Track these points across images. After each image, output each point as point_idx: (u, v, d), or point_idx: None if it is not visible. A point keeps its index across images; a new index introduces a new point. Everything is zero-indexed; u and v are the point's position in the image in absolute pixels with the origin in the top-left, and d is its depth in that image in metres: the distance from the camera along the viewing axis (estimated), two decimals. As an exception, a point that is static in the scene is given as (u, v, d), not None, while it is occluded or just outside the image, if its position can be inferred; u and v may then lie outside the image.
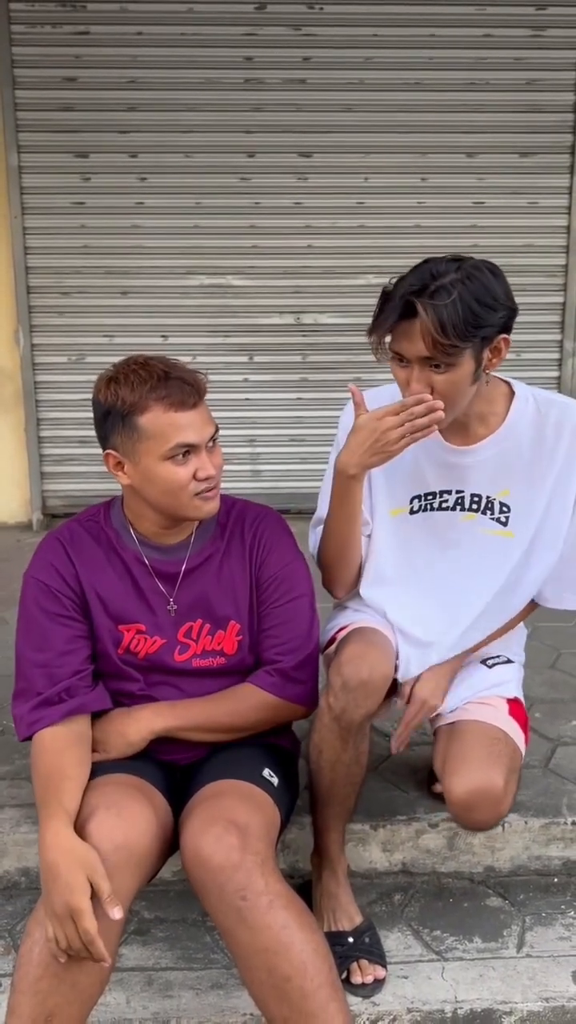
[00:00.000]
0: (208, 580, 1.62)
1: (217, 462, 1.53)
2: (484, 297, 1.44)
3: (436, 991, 1.64)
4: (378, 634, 1.67)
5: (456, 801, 1.63)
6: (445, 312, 1.41)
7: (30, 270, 4.15)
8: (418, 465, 1.68)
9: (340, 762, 1.63)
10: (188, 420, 1.46)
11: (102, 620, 1.59)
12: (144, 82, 4.02)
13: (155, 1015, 1.58)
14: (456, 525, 1.69)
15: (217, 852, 1.37)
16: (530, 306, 4.26)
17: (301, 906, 1.41)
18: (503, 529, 1.68)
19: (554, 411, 1.64)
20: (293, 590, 1.64)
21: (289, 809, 1.66)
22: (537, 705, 2.40)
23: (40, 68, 3.98)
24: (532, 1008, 1.62)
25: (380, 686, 1.59)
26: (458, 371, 1.48)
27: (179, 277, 4.20)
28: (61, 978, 1.33)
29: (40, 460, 4.31)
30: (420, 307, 1.42)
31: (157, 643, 1.60)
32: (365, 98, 4.07)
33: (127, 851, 1.37)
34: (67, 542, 1.60)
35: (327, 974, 1.37)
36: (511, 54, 4.06)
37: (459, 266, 1.46)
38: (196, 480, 1.49)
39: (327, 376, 4.25)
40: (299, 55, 4.03)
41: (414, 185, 4.17)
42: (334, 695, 1.58)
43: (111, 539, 1.61)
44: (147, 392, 1.45)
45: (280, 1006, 1.36)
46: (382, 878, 1.92)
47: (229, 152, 4.10)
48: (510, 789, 1.66)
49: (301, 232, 4.18)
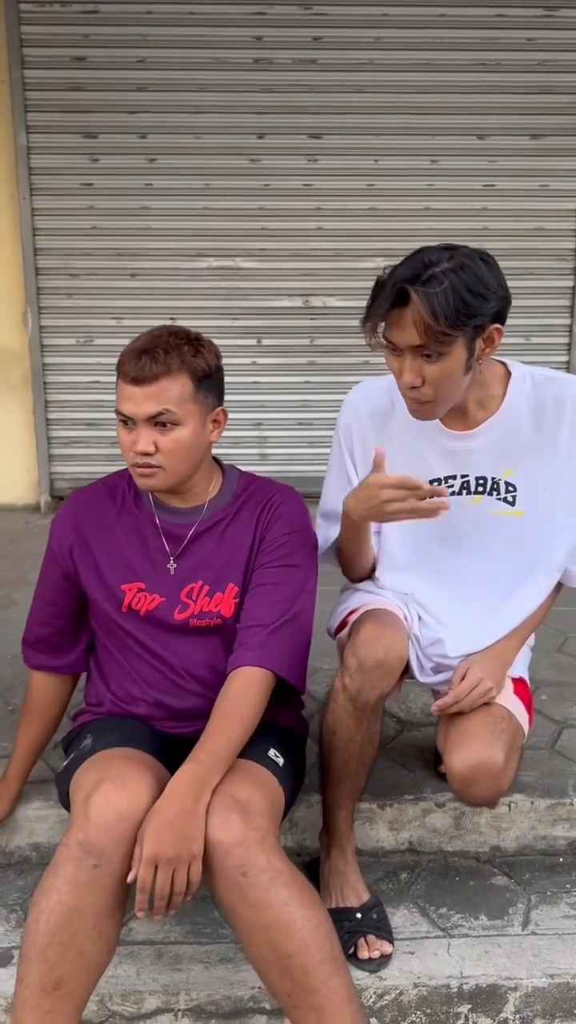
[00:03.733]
0: (212, 543, 1.64)
1: (165, 445, 1.52)
2: (476, 286, 1.44)
3: (442, 966, 1.66)
4: (392, 616, 1.68)
5: (456, 776, 1.64)
6: (437, 300, 1.41)
7: (38, 251, 4.14)
8: (422, 453, 1.69)
9: (353, 742, 1.64)
10: (130, 393, 1.51)
11: (100, 585, 1.65)
12: (153, 62, 4.00)
13: (164, 987, 1.61)
14: (464, 509, 1.69)
15: (217, 828, 1.38)
16: (539, 290, 4.25)
17: (303, 883, 1.42)
18: (511, 509, 1.68)
19: (553, 386, 1.65)
20: (292, 556, 1.62)
21: (295, 790, 1.67)
22: (543, 688, 2.41)
23: (49, 47, 3.96)
24: (537, 984, 1.63)
25: (396, 667, 1.60)
26: (450, 360, 1.48)
27: (188, 259, 4.19)
28: (68, 946, 1.35)
29: (48, 442, 4.32)
30: (412, 295, 1.42)
31: (156, 600, 1.63)
32: (375, 79, 4.05)
33: (132, 822, 1.39)
34: (78, 509, 1.68)
35: (328, 950, 1.38)
36: (523, 34, 4.03)
37: (452, 255, 1.46)
38: (132, 451, 1.54)
39: (335, 359, 4.25)
40: (309, 35, 4.00)
41: (424, 167, 4.15)
42: (350, 675, 1.59)
43: (129, 500, 1.68)
44: (121, 357, 1.54)
45: (283, 982, 1.38)
46: (389, 857, 1.94)
47: (239, 133, 4.08)
48: (510, 766, 1.67)
49: (311, 214, 4.17)
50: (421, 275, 1.43)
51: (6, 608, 3.01)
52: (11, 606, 3.02)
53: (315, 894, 1.44)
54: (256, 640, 1.56)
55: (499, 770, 1.62)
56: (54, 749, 1.91)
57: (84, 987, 1.39)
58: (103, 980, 1.61)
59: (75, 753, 1.62)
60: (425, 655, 1.75)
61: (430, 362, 1.48)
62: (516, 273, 4.20)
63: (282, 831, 1.91)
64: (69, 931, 1.36)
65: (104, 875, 1.37)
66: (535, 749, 2.11)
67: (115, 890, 1.38)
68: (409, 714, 2.29)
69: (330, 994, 1.37)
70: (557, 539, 1.71)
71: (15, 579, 3.25)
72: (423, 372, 1.49)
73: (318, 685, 2.42)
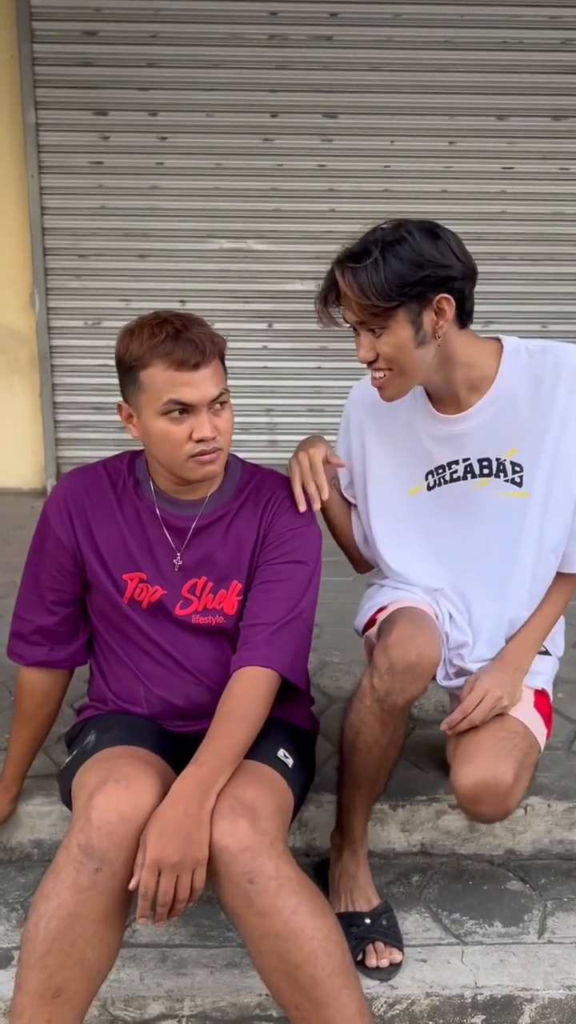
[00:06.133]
0: (216, 539, 1.59)
1: (223, 426, 1.49)
2: (410, 255, 1.43)
3: (456, 976, 1.60)
4: (425, 616, 1.61)
5: (461, 793, 1.57)
6: (364, 274, 1.43)
7: (47, 231, 4.07)
8: (421, 442, 1.66)
9: (378, 744, 1.59)
10: (186, 379, 1.44)
11: (102, 571, 1.59)
12: (165, 37, 3.91)
13: (169, 992, 1.56)
14: (470, 494, 1.64)
15: (223, 832, 1.33)
16: (558, 276, 4.16)
17: (312, 890, 1.37)
18: (519, 490, 1.62)
19: (550, 356, 1.58)
20: (296, 552, 1.58)
21: (304, 791, 1.62)
22: (560, 686, 2.34)
23: (59, 21, 3.88)
24: (553, 995, 1.58)
25: (428, 671, 1.53)
26: (395, 334, 1.47)
27: (199, 240, 4.11)
28: (68, 953, 1.31)
29: (55, 426, 4.27)
30: (339, 273, 1.46)
31: (158, 592, 1.58)
32: (393, 57, 3.95)
33: (135, 824, 1.34)
34: (78, 489, 1.61)
35: (339, 960, 1.33)
36: (545, 12, 3.93)
37: (395, 228, 1.46)
38: (192, 441, 1.46)
39: (348, 345, 4.13)
40: (325, 10, 3.90)
41: (442, 148, 4.06)
42: (379, 677, 1.53)
43: (129, 487, 1.61)
44: (152, 348, 1.45)
45: (292, 992, 1.33)
46: (400, 859, 1.89)
47: (252, 112, 3.99)
48: (520, 785, 1.58)
49: (324, 196, 4.08)
50: (355, 253, 1.46)
51: (12, 595, 2.94)
52: (16, 592, 2.96)
53: (325, 902, 1.39)
54: (261, 639, 1.51)
55: (507, 789, 1.54)
56: (57, 743, 1.86)
57: (85, 994, 1.35)
58: (105, 984, 1.55)
59: (78, 750, 1.56)
60: (450, 657, 1.68)
61: (377, 336, 1.49)
62: (533, 259, 4.12)
63: (291, 832, 1.86)
64: (70, 937, 1.31)
65: (106, 879, 1.32)
66: (552, 750, 2.05)
67: (117, 895, 1.33)
68: (423, 712, 2.23)
69: (340, 1007, 1.32)
70: (557, 521, 1.62)
71: (21, 565, 3.19)
72: (376, 347, 1.50)
73: (328, 680, 2.37)
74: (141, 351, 1.45)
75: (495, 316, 3.91)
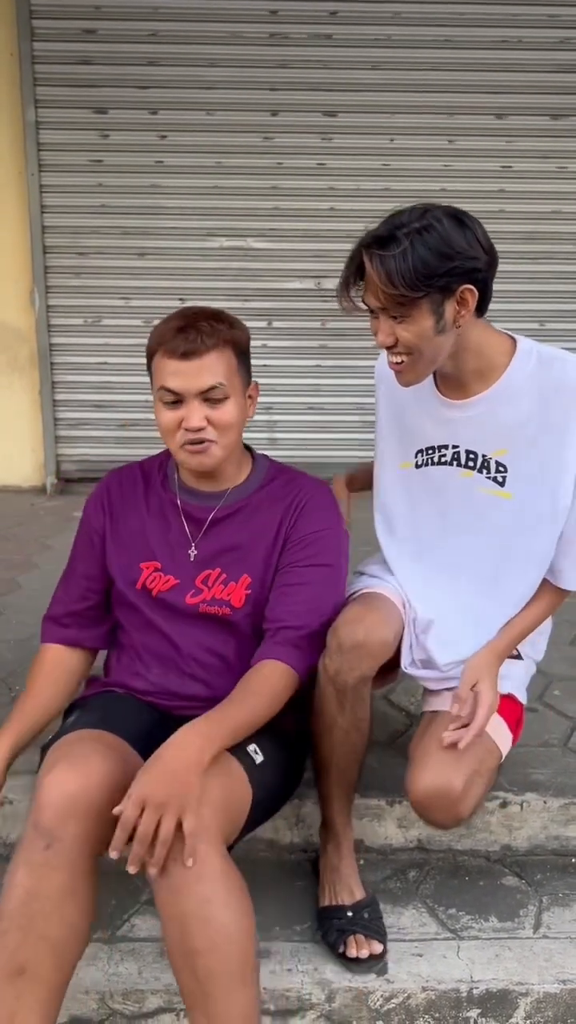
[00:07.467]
0: (232, 531, 1.62)
1: (220, 419, 1.52)
2: (439, 246, 1.42)
3: (451, 970, 1.62)
4: (384, 600, 1.63)
5: (414, 800, 1.57)
6: (393, 262, 1.41)
7: (46, 229, 4.07)
8: (420, 418, 1.68)
9: (337, 726, 1.60)
10: (176, 368, 1.49)
11: (121, 560, 1.65)
12: (165, 35, 3.91)
13: (167, 986, 1.57)
14: (453, 481, 1.65)
15: None
16: (555, 274, 4.17)
17: (237, 888, 1.35)
18: (500, 489, 1.63)
19: (556, 366, 1.58)
20: (320, 555, 1.60)
21: (275, 792, 1.60)
22: (556, 683, 2.36)
23: (58, 19, 3.88)
24: (548, 990, 1.59)
25: (376, 650, 1.55)
26: (416, 322, 1.47)
27: (198, 239, 4.12)
28: (27, 930, 1.31)
29: (55, 424, 4.27)
30: (366, 258, 1.44)
31: (170, 582, 1.62)
32: (393, 55, 3.96)
33: (81, 802, 1.34)
34: (112, 486, 1.70)
35: (239, 961, 1.31)
36: (544, 10, 3.93)
37: (422, 215, 1.44)
38: (182, 429, 1.51)
39: (347, 343, 4.17)
40: (325, 9, 3.90)
41: (441, 147, 4.06)
42: (329, 656, 1.56)
43: (158, 481, 1.69)
44: (159, 337, 1.52)
45: (187, 978, 1.32)
46: (397, 854, 1.90)
47: (252, 110, 4.00)
48: (472, 792, 1.57)
49: (324, 194, 4.09)
50: (383, 238, 1.43)
51: (11, 592, 2.96)
52: (16, 590, 2.98)
53: (247, 904, 1.36)
54: (289, 641, 1.55)
55: (456, 797, 1.54)
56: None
57: (53, 973, 1.34)
58: (104, 977, 1.58)
59: (60, 729, 1.59)
60: (418, 644, 1.68)
61: (398, 323, 1.48)
62: (532, 257, 4.13)
63: (288, 827, 1.87)
64: (27, 915, 1.32)
65: (56, 855, 1.33)
66: (548, 746, 2.06)
67: (72, 872, 1.34)
68: (418, 707, 2.24)
69: (228, 1007, 1.31)
70: (543, 532, 1.62)
71: (20, 562, 3.21)
72: (395, 333, 1.49)
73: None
74: (152, 340, 1.54)
75: (493, 314, 3.88)
